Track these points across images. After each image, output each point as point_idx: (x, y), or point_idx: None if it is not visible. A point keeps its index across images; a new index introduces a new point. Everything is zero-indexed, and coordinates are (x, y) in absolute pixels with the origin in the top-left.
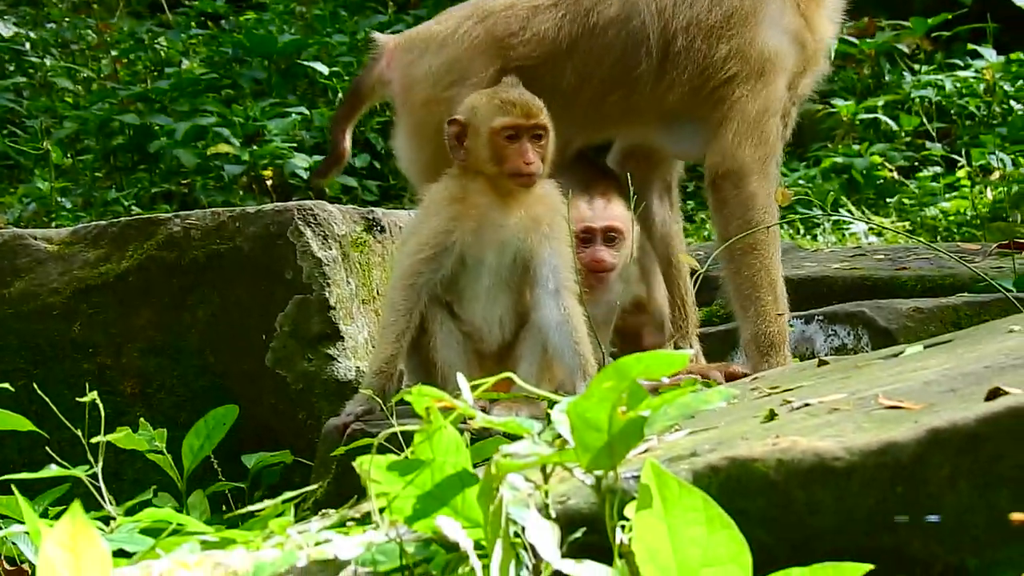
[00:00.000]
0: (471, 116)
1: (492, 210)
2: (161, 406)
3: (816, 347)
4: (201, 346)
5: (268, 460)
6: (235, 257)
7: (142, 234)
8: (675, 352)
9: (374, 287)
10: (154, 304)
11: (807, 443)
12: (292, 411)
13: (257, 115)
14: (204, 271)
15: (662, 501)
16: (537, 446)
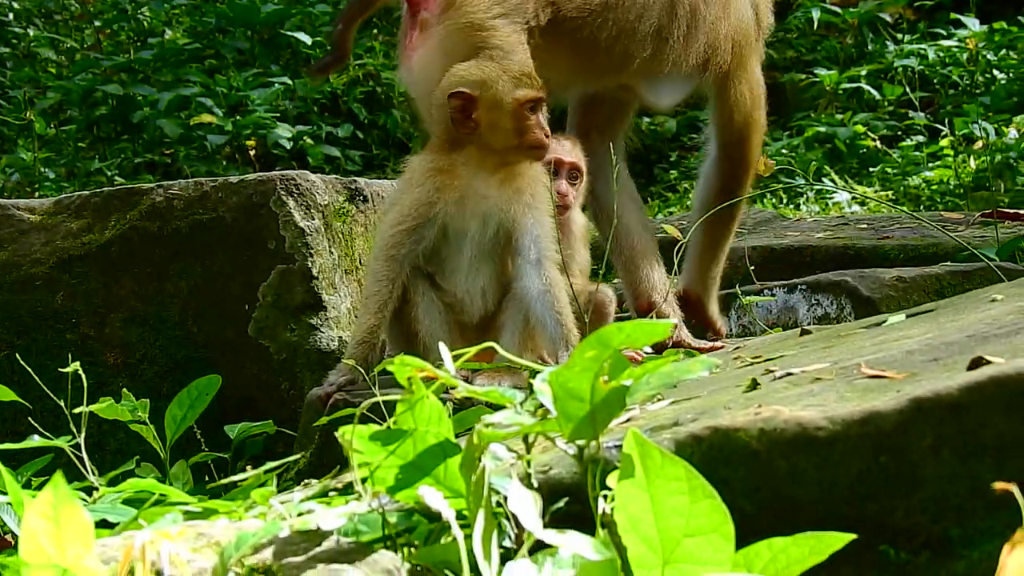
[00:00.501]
0: (484, 89)
1: (476, 181)
2: (144, 376)
3: (799, 316)
4: (184, 316)
5: (251, 430)
6: (218, 227)
7: (125, 204)
8: (658, 321)
9: (357, 257)
10: (137, 274)
11: (789, 413)
12: (275, 381)
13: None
14: (187, 241)
15: (644, 471)
16: (519, 416)
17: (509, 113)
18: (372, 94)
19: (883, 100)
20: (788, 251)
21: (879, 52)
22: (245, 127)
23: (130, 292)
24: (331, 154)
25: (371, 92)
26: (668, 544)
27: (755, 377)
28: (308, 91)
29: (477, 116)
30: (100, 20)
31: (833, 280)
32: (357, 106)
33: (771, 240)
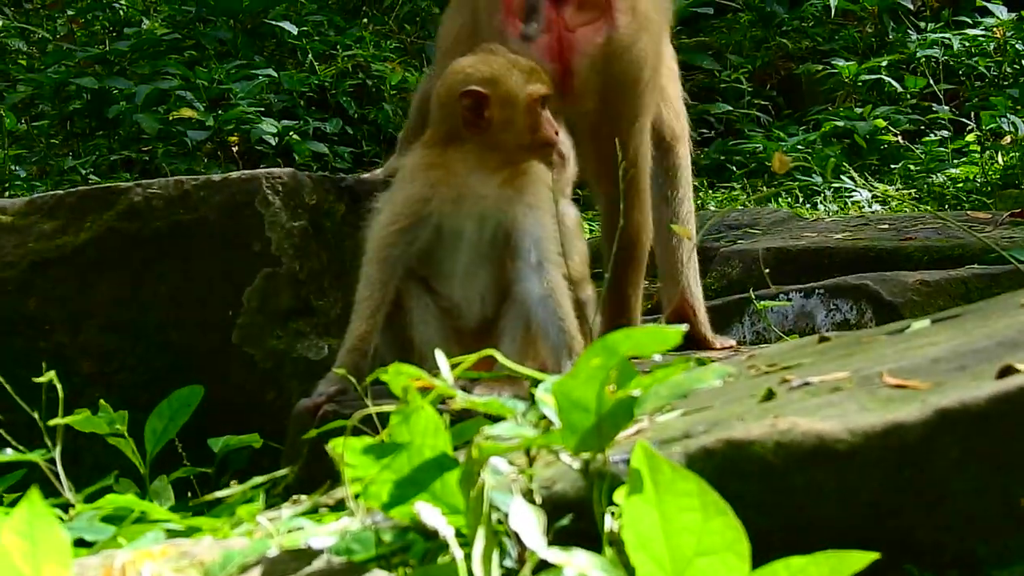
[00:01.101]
0: (496, 86)
1: (472, 179)
2: (121, 386)
3: (817, 322)
4: (164, 322)
5: (235, 443)
6: (199, 228)
7: (101, 204)
8: (668, 327)
9: (347, 260)
10: (114, 278)
11: (807, 424)
12: (260, 391)
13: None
14: (167, 243)
15: (654, 486)
16: (521, 428)
17: (523, 109)
18: (362, 87)
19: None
20: (805, 253)
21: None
22: (227, 122)
23: (107, 297)
24: (319, 151)
25: (361, 85)
26: (679, 563)
27: (771, 387)
28: (294, 84)
29: (489, 114)
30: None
31: (853, 284)
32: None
33: (787, 241)
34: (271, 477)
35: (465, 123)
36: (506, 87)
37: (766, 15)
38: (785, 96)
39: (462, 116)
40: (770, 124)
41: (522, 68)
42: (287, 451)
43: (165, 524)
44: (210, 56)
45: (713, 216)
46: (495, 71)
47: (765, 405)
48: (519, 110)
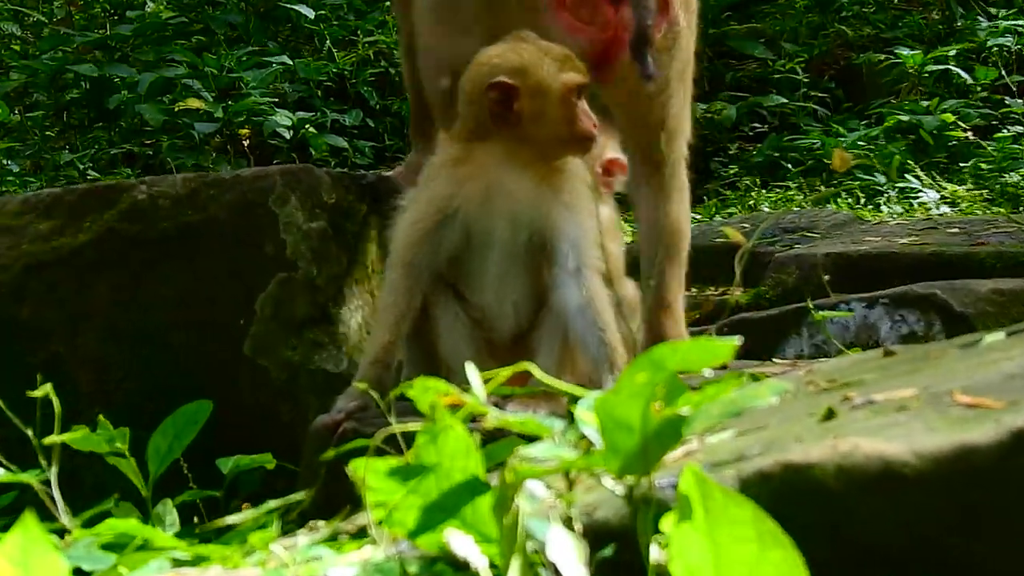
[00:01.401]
0: (526, 77)
1: (503, 176)
2: (123, 401)
3: (881, 335)
4: (169, 332)
5: (246, 464)
6: (208, 229)
7: (102, 203)
8: (721, 339)
9: (369, 264)
10: (115, 283)
11: (871, 446)
12: (274, 407)
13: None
14: (173, 245)
15: (705, 513)
16: (559, 449)
17: (557, 101)
18: (384, 76)
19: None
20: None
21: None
22: (238, 114)
23: (108, 303)
24: (337, 145)
25: (383, 74)
26: None
27: (831, 405)
28: (310, 72)
29: (519, 107)
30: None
31: (920, 293)
32: (367, 90)
33: (847, 246)
34: (286, 501)
35: (493, 117)
36: (537, 77)
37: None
38: (844, 88)
39: (489, 110)
40: (828, 118)
41: (555, 56)
42: (303, 473)
43: (170, 552)
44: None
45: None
46: (525, 60)
47: (825, 425)
48: (552, 101)
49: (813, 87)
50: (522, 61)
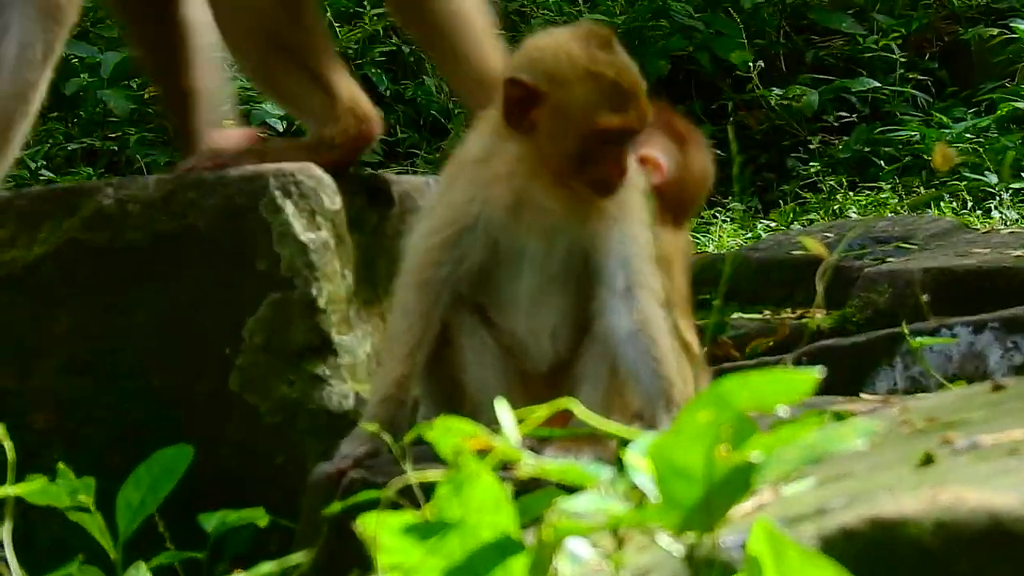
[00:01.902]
0: (555, 88)
1: (536, 183)
2: (87, 445)
3: (989, 365)
4: (142, 363)
5: (234, 520)
6: (188, 240)
7: (61, 208)
8: (799, 371)
9: (379, 282)
10: (77, 305)
11: (976, 498)
12: (267, 453)
13: None
14: (145, 259)
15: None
16: (607, 501)
17: (575, 135)
18: (396, 55)
19: None
20: (974, 275)
21: None
22: None
23: (68, 329)
24: None
25: (394, 52)
26: None
27: (929, 449)
28: None
29: (536, 117)
30: None
31: None
32: (375, 72)
33: (950, 260)
34: (282, 564)
35: (505, 116)
36: (567, 98)
37: None
38: (949, 69)
39: (504, 104)
40: (929, 105)
41: (604, 83)
42: (302, 530)
43: None
44: None
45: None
46: (563, 69)
47: (922, 473)
48: (570, 132)
49: (911, 68)
50: (559, 69)
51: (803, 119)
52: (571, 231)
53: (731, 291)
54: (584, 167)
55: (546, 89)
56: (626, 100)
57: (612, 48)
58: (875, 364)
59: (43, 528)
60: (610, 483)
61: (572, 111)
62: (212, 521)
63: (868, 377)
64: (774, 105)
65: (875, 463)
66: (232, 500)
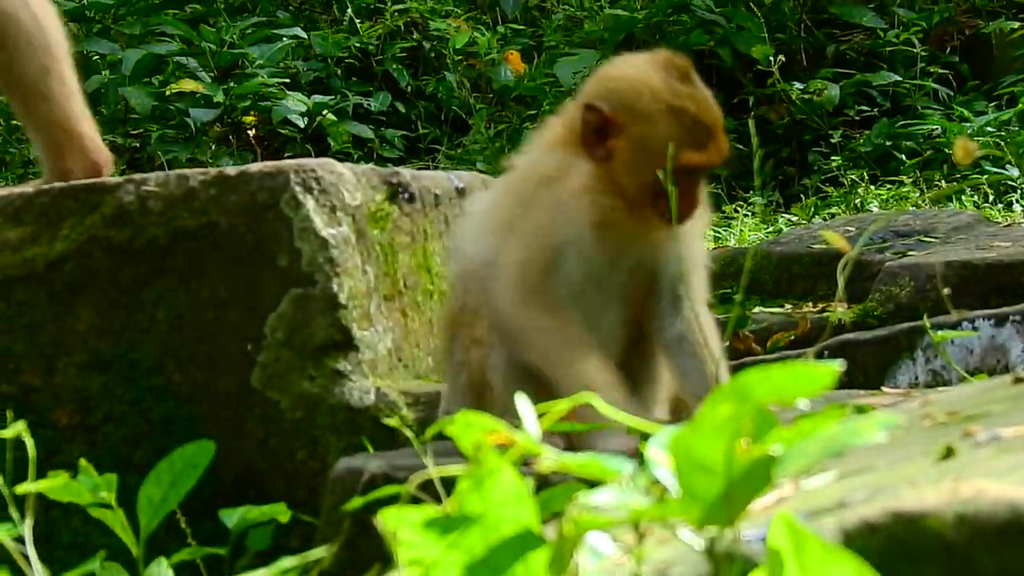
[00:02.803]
0: (633, 119)
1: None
2: (108, 442)
3: (1011, 358)
4: (162, 360)
5: (256, 517)
6: (209, 237)
7: (82, 206)
8: (819, 365)
9: (400, 278)
10: (99, 302)
11: (998, 491)
12: (288, 449)
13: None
14: (166, 256)
15: (800, 571)
16: (628, 495)
17: (655, 169)
18: (417, 51)
19: None
20: (996, 269)
21: None
22: (242, 98)
23: (90, 326)
24: (361, 135)
25: (416, 48)
26: None
27: (950, 442)
28: (328, 48)
29: (612, 146)
30: None
31: None
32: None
33: (972, 253)
34: (303, 559)
35: (583, 143)
36: (650, 132)
37: None
38: (970, 63)
39: (581, 129)
40: (951, 99)
41: (687, 119)
42: (323, 526)
43: None
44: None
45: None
46: (645, 103)
47: (943, 466)
48: (648, 164)
49: (932, 62)
50: (640, 102)
51: (824, 113)
52: (637, 244)
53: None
54: (658, 198)
55: (625, 121)
56: (707, 136)
57: (692, 80)
58: (897, 358)
59: (64, 525)
60: (631, 477)
61: (652, 146)
62: (233, 517)
63: (889, 371)
64: (795, 99)
65: (896, 456)
66: (254, 496)
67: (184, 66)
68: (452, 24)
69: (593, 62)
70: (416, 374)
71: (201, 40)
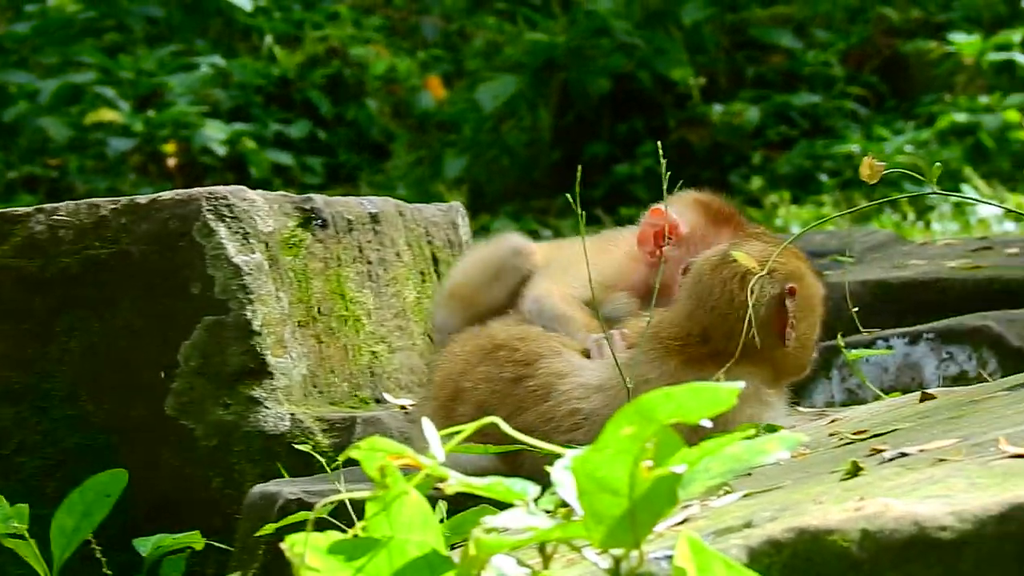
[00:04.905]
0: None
1: None
2: (21, 473)
3: (925, 376)
4: (76, 390)
5: (170, 545)
6: (122, 265)
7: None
8: (720, 384)
9: (314, 304)
10: (10, 333)
11: (903, 507)
12: (203, 476)
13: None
14: (79, 285)
15: None
16: (533, 517)
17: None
18: (337, 78)
19: None
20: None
21: None
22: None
23: (2, 357)
24: (281, 162)
25: (336, 75)
26: None
27: (856, 460)
28: (248, 75)
29: (792, 323)
30: None
31: (971, 326)
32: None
33: (887, 272)
34: None
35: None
36: (811, 294)
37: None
38: (889, 83)
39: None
40: (869, 119)
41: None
42: (238, 553)
43: None
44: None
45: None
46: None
47: (849, 484)
48: (815, 323)
49: (851, 82)
50: (800, 270)
51: (744, 135)
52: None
53: None
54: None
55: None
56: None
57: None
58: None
59: None
60: (537, 499)
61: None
62: (148, 546)
63: (805, 390)
64: (715, 121)
65: (803, 475)
66: (169, 524)
67: (102, 96)
68: (372, 50)
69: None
70: (331, 400)
71: (119, 69)
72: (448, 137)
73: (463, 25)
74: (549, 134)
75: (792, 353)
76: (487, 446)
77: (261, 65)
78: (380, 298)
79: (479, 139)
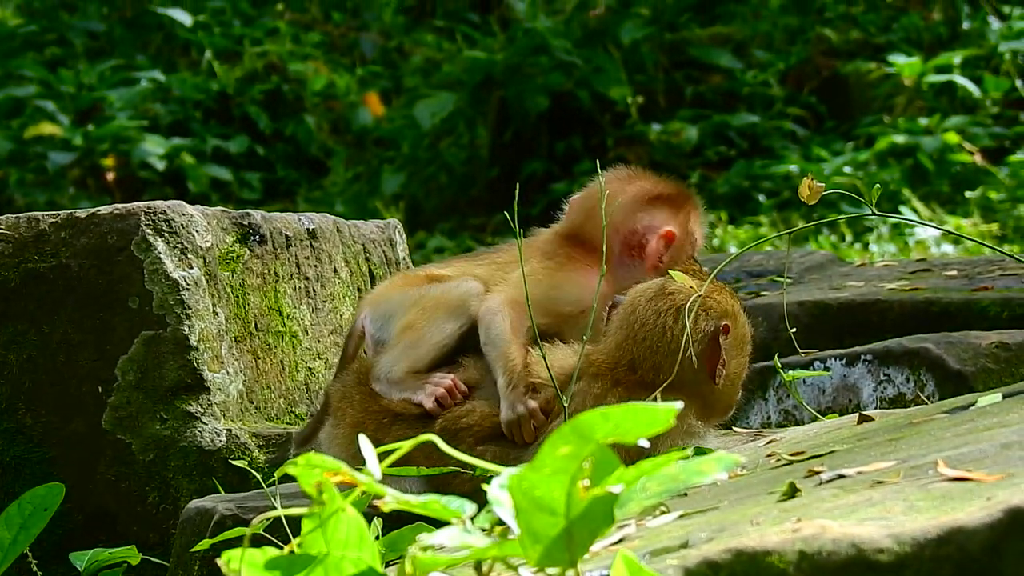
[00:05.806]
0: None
1: None
2: None
3: (862, 398)
4: (13, 402)
5: (106, 559)
6: (60, 279)
7: None
8: (658, 405)
9: (252, 319)
10: None
11: (840, 529)
12: (139, 490)
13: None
14: (17, 298)
15: None
16: (470, 535)
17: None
18: (276, 94)
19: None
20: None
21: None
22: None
23: None
24: (220, 177)
25: (275, 91)
26: None
27: (794, 481)
28: (187, 90)
29: (725, 360)
30: None
31: (909, 348)
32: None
33: (824, 293)
34: None
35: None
36: (743, 330)
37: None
38: (828, 103)
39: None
40: (808, 140)
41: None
42: (174, 568)
43: None
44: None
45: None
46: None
47: (786, 505)
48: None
49: (790, 102)
50: (734, 308)
51: (683, 154)
52: None
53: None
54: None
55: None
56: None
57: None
58: (748, 397)
59: None
60: (474, 517)
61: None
62: (84, 559)
63: (742, 411)
64: (654, 141)
65: (740, 496)
66: (105, 538)
67: (43, 109)
68: (311, 66)
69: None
70: (268, 416)
71: (60, 83)
72: (386, 153)
73: (402, 42)
74: (487, 151)
75: (720, 391)
76: (420, 468)
77: (200, 80)
78: (317, 314)
79: (417, 156)
